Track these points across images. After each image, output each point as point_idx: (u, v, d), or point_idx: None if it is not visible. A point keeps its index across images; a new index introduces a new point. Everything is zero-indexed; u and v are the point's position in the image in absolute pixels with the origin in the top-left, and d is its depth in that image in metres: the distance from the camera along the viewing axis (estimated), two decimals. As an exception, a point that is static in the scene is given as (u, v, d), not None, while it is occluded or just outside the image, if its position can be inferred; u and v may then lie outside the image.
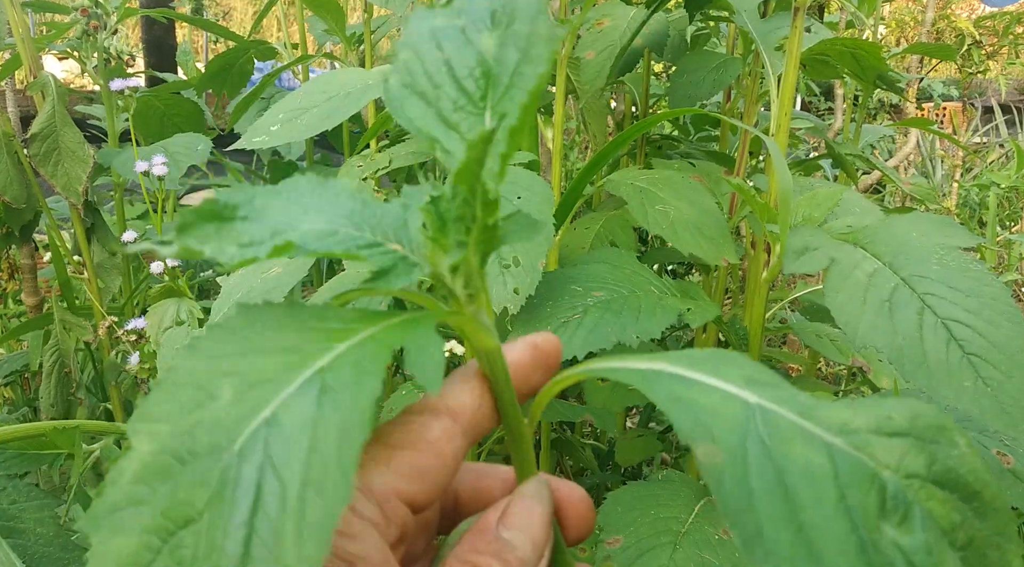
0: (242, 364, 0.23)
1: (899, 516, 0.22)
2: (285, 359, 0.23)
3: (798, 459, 0.22)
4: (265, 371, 0.23)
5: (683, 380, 0.25)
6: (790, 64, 0.66)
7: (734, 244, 0.73)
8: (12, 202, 0.91)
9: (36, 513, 0.59)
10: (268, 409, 0.22)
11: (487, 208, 0.26)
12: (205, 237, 0.24)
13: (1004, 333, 0.50)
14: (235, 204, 0.25)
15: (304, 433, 0.21)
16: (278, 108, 0.72)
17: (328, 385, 0.22)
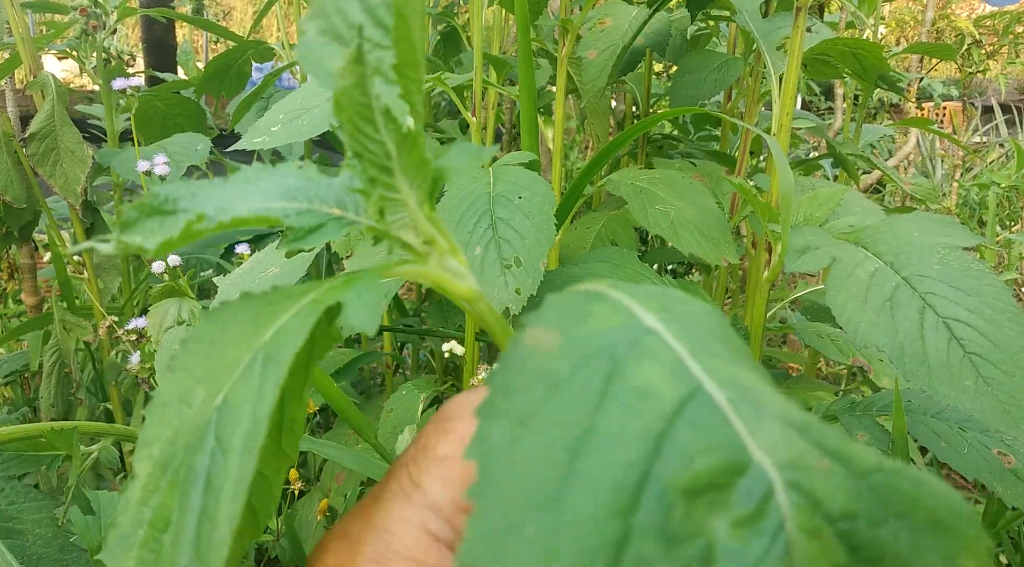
0: (211, 366, 0.23)
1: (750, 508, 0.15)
2: (240, 348, 0.23)
3: (639, 380, 0.18)
4: (227, 365, 0.23)
5: (599, 295, 0.21)
6: (792, 64, 0.66)
7: (735, 244, 0.73)
8: (12, 202, 0.91)
9: (34, 514, 0.59)
10: (221, 396, 0.22)
11: (404, 142, 0.24)
12: (148, 233, 0.24)
13: (1005, 333, 0.50)
14: (176, 197, 0.25)
15: (247, 405, 0.21)
16: (279, 108, 0.72)
17: (270, 355, 0.22)
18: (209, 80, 1.20)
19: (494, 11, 1.15)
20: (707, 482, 0.16)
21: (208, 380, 0.23)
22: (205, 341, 0.24)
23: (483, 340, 0.86)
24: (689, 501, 0.16)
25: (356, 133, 0.24)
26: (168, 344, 0.72)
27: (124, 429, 0.65)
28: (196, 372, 0.23)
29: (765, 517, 0.15)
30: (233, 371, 0.22)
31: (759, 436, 0.16)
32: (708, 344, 0.19)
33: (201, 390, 0.23)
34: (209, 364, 0.23)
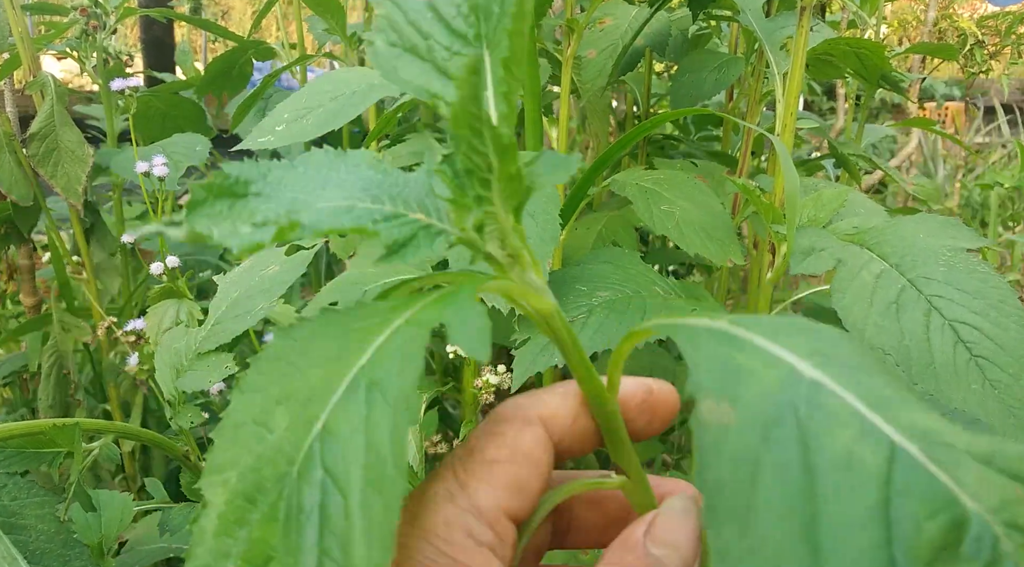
0: (291, 386, 0.22)
1: (986, 558, 0.16)
2: (328, 369, 0.22)
3: (837, 448, 0.18)
4: (313, 386, 0.21)
5: (736, 340, 0.21)
6: (796, 63, 0.65)
7: (739, 245, 0.73)
8: (19, 201, 0.90)
9: (37, 510, 0.59)
10: (319, 422, 0.21)
11: (503, 154, 0.23)
12: (217, 216, 0.22)
13: (1011, 335, 0.50)
14: (248, 179, 0.24)
15: (358, 435, 0.20)
16: (283, 108, 0.72)
17: (375, 380, 0.21)
18: (212, 81, 1.20)
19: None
20: (941, 544, 0.16)
21: (290, 403, 0.21)
22: (281, 359, 0.23)
23: (484, 341, 0.85)
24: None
25: (469, 148, 0.23)
26: (167, 345, 0.71)
27: (125, 426, 0.64)
28: (272, 393, 0.22)
29: (1001, 564, 0.16)
30: (327, 395, 0.21)
31: (964, 485, 0.17)
32: (870, 385, 0.20)
33: (283, 414, 0.21)
34: (288, 384, 0.22)
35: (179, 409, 0.68)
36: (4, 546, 0.54)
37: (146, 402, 1.00)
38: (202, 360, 0.69)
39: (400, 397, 0.20)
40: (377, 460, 0.20)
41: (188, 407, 0.69)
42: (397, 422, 0.20)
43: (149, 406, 1.02)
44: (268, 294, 0.69)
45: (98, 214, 1.01)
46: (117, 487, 0.97)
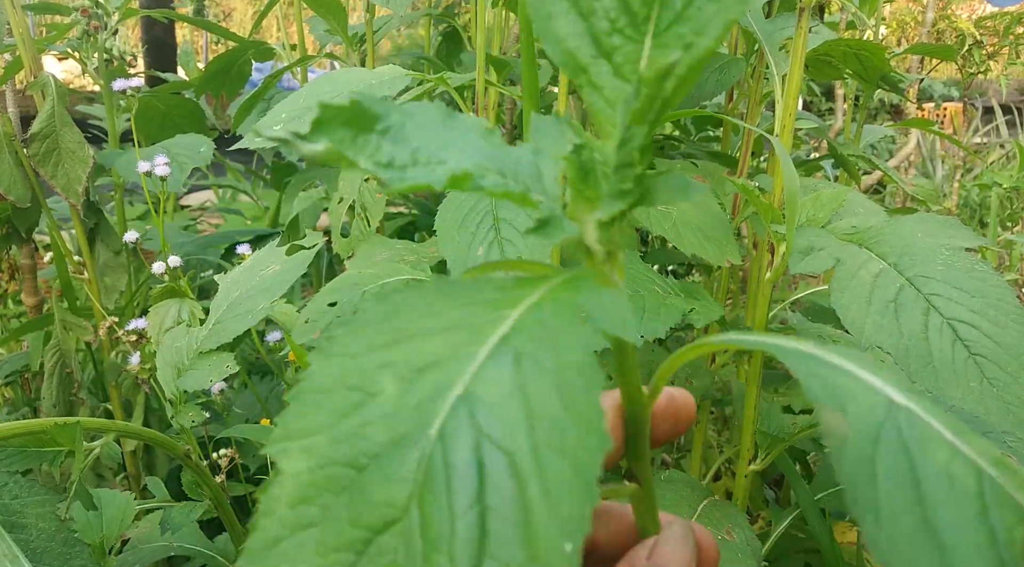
0: (397, 354, 0.21)
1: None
2: (452, 337, 0.21)
3: (938, 464, 0.21)
4: (432, 354, 0.21)
5: (827, 363, 0.23)
6: (795, 64, 0.66)
7: (737, 245, 0.73)
8: (16, 202, 0.91)
9: (38, 508, 0.59)
10: (458, 386, 0.20)
11: (643, 155, 0.23)
12: (342, 142, 0.21)
13: (1010, 334, 0.50)
14: (376, 113, 0.22)
15: (515, 401, 0.19)
16: (281, 108, 0.72)
17: (522, 351, 0.20)
18: (210, 80, 1.20)
19: (494, 12, 1.15)
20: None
21: (400, 369, 0.20)
22: (380, 326, 0.22)
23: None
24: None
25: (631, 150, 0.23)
26: (168, 344, 0.72)
27: (126, 425, 0.65)
28: (371, 359, 0.21)
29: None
30: (460, 363, 0.20)
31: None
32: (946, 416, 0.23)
33: (390, 380, 0.20)
34: (394, 351, 0.21)
35: (180, 408, 0.69)
36: (6, 544, 0.54)
37: (148, 401, 1.01)
38: (203, 359, 0.69)
39: (566, 366, 0.20)
40: (551, 425, 0.19)
41: (189, 406, 0.69)
42: (568, 389, 0.19)
43: (151, 405, 1.02)
44: (269, 293, 0.69)
45: (102, 213, 1.01)
46: (119, 486, 0.97)
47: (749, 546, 0.67)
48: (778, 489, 1.09)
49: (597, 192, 0.24)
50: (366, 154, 0.22)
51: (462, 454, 0.19)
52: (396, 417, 0.20)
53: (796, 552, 0.87)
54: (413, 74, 0.75)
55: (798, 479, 0.78)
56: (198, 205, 2.50)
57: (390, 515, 0.19)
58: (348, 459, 0.19)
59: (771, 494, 1.07)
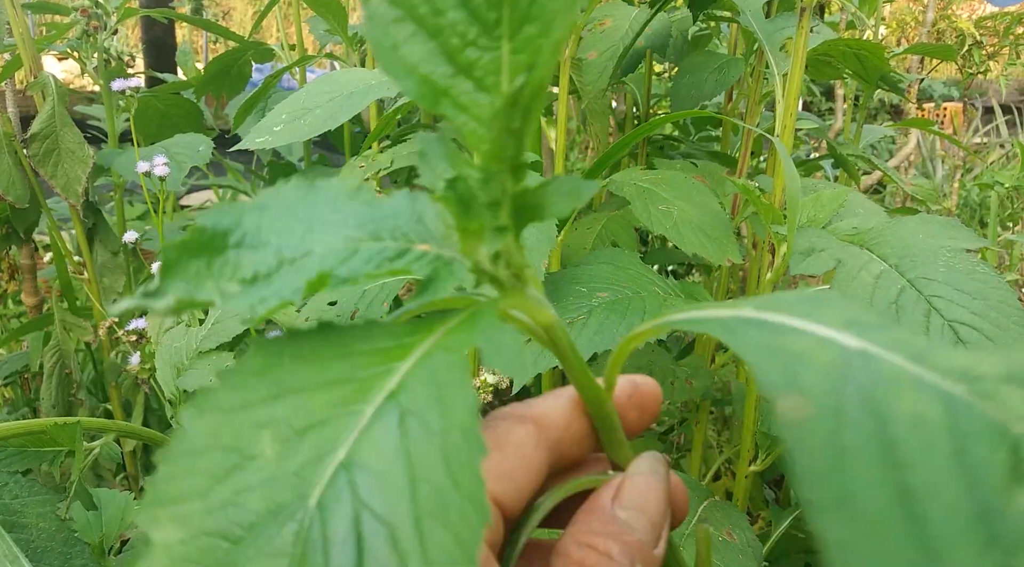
0: (277, 411, 0.20)
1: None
2: (336, 393, 0.20)
3: (905, 410, 0.19)
4: (313, 412, 0.19)
5: (771, 326, 0.22)
6: (795, 64, 0.66)
7: (737, 245, 0.73)
8: (15, 202, 0.91)
9: (38, 508, 0.59)
10: (340, 451, 0.19)
11: (517, 174, 0.22)
12: (197, 277, 0.21)
13: (1011, 336, 0.50)
14: (224, 229, 0.21)
15: (398, 467, 0.18)
16: (281, 108, 0.72)
17: (408, 409, 0.19)
18: (210, 81, 1.20)
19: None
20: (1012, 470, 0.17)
21: (280, 428, 0.19)
22: (260, 378, 0.20)
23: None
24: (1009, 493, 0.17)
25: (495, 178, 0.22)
26: (168, 344, 0.72)
27: (126, 425, 0.65)
28: (249, 417, 0.19)
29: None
30: (343, 423, 0.19)
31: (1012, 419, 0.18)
32: (901, 339, 0.20)
33: (268, 441, 0.19)
34: (274, 408, 0.20)
35: (180, 408, 0.68)
36: (6, 544, 0.54)
37: (147, 401, 1.01)
38: (203, 359, 0.69)
39: (451, 427, 0.19)
40: (433, 494, 0.18)
41: (189, 406, 0.69)
42: (452, 454, 0.19)
43: (151, 405, 1.02)
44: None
45: (100, 214, 1.01)
46: (118, 486, 0.97)
47: (750, 547, 0.67)
48: (778, 489, 1.09)
49: (481, 223, 0.23)
50: (227, 277, 0.21)
51: (341, 526, 0.18)
52: (274, 484, 0.18)
53: (796, 552, 0.87)
54: (413, 74, 0.74)
55: (798, 480, 0.78)
56: (198, 205, 2.50)
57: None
58: (222, 530, 0.18)
59: (771, 494, 1.07)
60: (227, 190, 2.38)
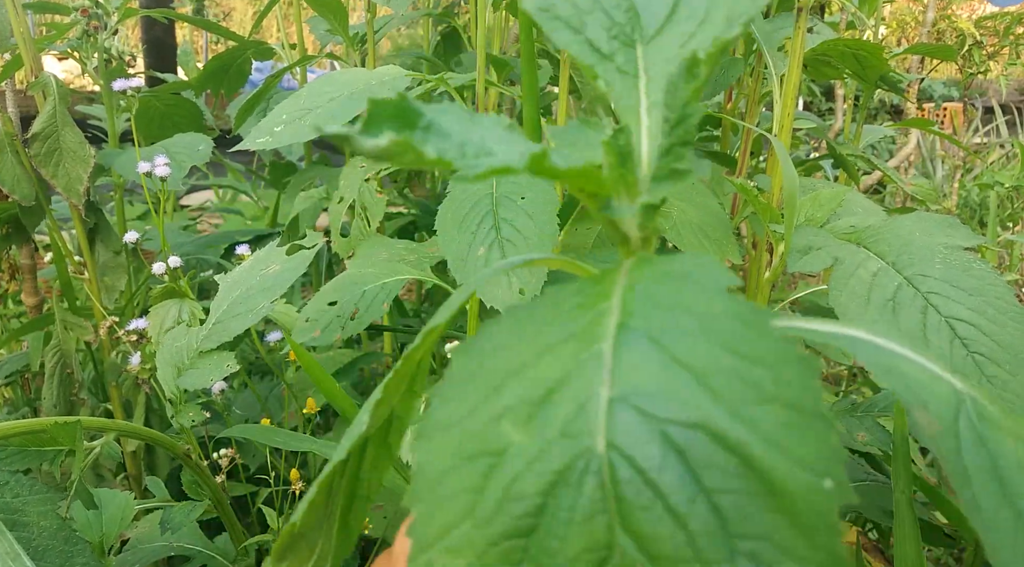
0: (505, 400, 0.19)
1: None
2: (562, 352, 0.19)
3: (1011, 453, 0.22)
4: (545, 379, 0.18)
5: (890, 353, 0.23)
6: (793, 64, 0.66)
7: (737, 245, 0.73)
8: (22, 200, 0.91)
9: (39, 507, 0.59)
10: (603, 390, 0.17)
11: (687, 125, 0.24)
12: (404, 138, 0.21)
13: (1008, 332, 0.50)
14: (418, 110, 0.22)
15: (676, 373, 0.17)
16: (281, 109, 0.72)
17: (648, 327, 0.18)
18: (208, 78, 1.20)
19: (493, 12, 1.15)
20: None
21: (518, 409, 0.18)
22: (465, 384, 0.20)
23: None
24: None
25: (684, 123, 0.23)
26: (168, 344, 0.72)
27: (126, 425, 0.65)
28: (480, 416, 0.19)
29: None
30: (587, 368, 0.18)
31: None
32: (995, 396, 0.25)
33: (510, 426, 0.18)
34: (501, 398, 0.19)
35: (181, 408, 0.69)
36: (8, 542, 0.54)
37: (148, 401, 1.01)
38: (203, 359, 0.69)
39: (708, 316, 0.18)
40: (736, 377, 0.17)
41: (190, 406, 0.69)
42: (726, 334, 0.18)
43: (151, 405, 1.02)
44: (269, 293, 0.69)
45: (101, 213, 1.01)
46: (119, 486, 0.98)
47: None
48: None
49: (635, 177, 0.23)
50: (431, 146, 0.21)
51: (651, 450, 0.16)
52: (542, 458, 0.17)
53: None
54: (413, 74, 0.75)
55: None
56: (198, 205, 2.51)
57: (595, 559, 0.16)
58: (508, 531, 0.17)
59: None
60: (227, 190, 2.38)
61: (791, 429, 0.16)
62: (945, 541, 0.84)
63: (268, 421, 0.80)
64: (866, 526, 1.01)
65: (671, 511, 0.16)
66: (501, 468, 0.17)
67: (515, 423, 0.18)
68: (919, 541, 0.55)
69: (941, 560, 1.07)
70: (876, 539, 1.00)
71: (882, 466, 0.92)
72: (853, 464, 0.87)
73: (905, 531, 0.55)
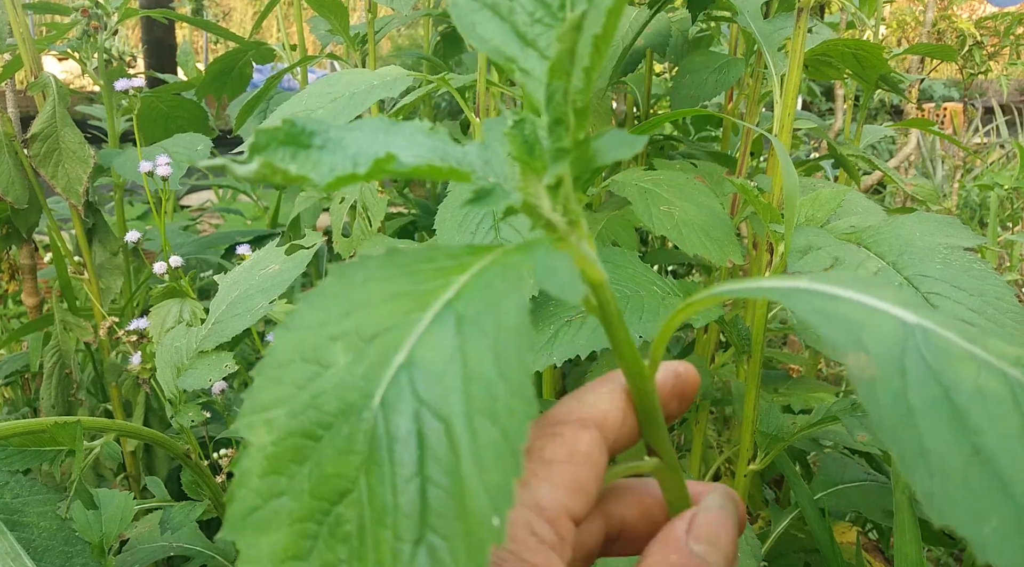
0: (348, 324, 0.21)
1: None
2: (399, 305, 0.21)
3: (968, 381, 0.20)
4: (380, 322, 0.21)
5: (828, 295, 0.23)
6: (793, 64, 0.66)
7: (738, 245, 0.73)
8: (14, 203, 0.91)
9: (39, 507, 0.59)
10: (400, 354, 0.20)
11: (579, 118, 0.24)
12: (281, 162, 0.22)
13: (1008, 332, 0.50)
14: (311, 130, 0.23)
15: (454, 365, 0.20)
16: (282, 111, 0.72)
17: (463, 315, 0.21)
18: (211, 82, 1.20)
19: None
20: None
21: (351, 338, 0.21)
22: (334, 298, 0.22)
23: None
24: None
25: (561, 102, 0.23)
26: (168, 344, 0.72)
27: (126, 425, 0.65)
28: (326, 330, 0.21)
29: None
30: (404, 329, 0.20)
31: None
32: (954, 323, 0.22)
33: (341, 350, 0.21)
34: (346, 322, 0.21)
35: (180, 407, 0.69)
36: (8, 543, 0.54)
37: (148, 401, 1.01)
38: (203, 359, 0.69)
39: (503, 328, 0.20)
40: (484, 389, 0.19)
41: (189, 406, 0.69)
42: (502, 352, 0.20)
43: (151, 405, 1.02)
44: (268, 292, 0.69)
45: (99, 214, 1.01)
46: (119, 486, 0.98)
47: (749, 546, 0.67)
48: (778, 489, 1.09)
49: (542, 161, 0.24)
50: (297, 164, 0.22)
51: (403, 423, 0.19)
52: (345, 387, 0.20)
53: (796, 552, 0.87)
54: (414, 75, 0.75)
55: (798, 479, 0.78)
56: (198, 205, 2.51)
57: (343, 487, 0.19)
58: (305, 430, 0.20)
59: (771, 494, 1.07)
60: (227, 190, 2.38)
61: (495, 456, 0.19)
62: (945, 541, 0.84)
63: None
64: (866, 526, 1.01)
65: (393, 482, 0.19)
66: (321, 379, 0.20)
67: (345, 348, 0.21)
68: (919, 541, 0.55)
69: (941, 560, 1.07)
70: (876, 539, 1.00)
71: (882, 466, 0.92)
72: (853, 464, 0.87)
73: (905, 531, 0.55)
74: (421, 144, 0.25)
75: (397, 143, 0.25)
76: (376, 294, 0.22)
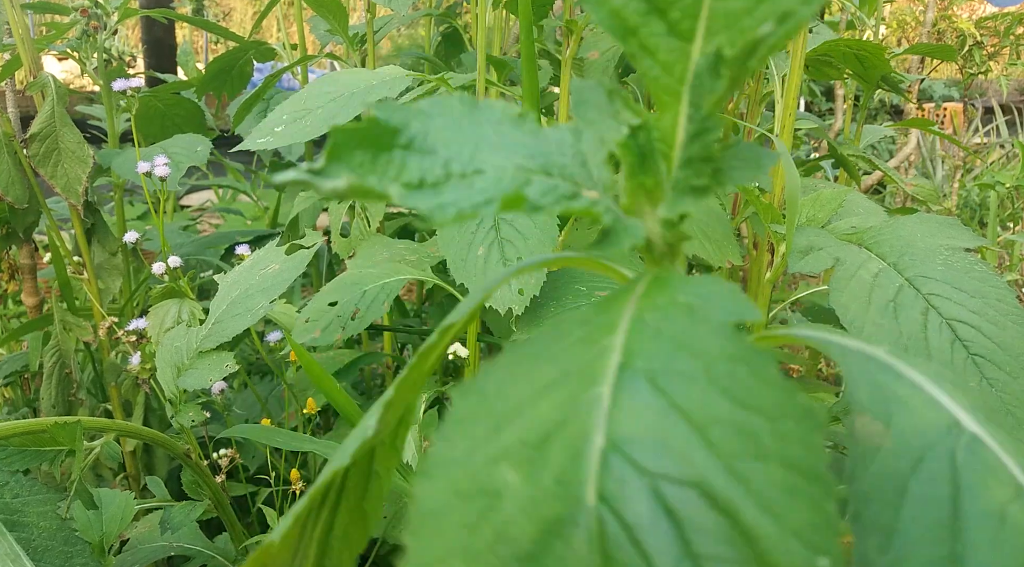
0: (505, 440, 0.18)
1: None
2: (562, 393, 0.18)
3: (992, 501, 0.18)
4: (544, 422, 0.18)
5: (891, 370, 0.21)
6: (794, 65, 0.66)
7: (738, 245, 0.73)
8: (14, 203, 0.91)
9: (39, 507, 0.59)
10: (596, 439, 0.17)
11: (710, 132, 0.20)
12: (361, 168, 0.19)
13: (1009, 334, 0.50)
14: (394, 126, 0.20)
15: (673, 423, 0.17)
16: (282, 109, 0.72)
17: (651, 369, 0.18)
18: (211, 81, 1.20)
19: (495, 12, 1.15)
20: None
21: (517, 452, 0.18)
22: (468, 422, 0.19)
23: (484, 341, 0.86)
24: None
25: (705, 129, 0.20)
26: (168, 344, 0.72)
27: (126, 425, 0.65)
28: (477, 458, 0.18)
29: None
30: (584, 415, 0.17)
31: None
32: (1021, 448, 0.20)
33: (508, 469, 0.17)
34: (500, 439, 0.18)
35: (180, 407, 0.69)
36: (8, 543, 0.54)
37: (148, 401, 1.01)
38: (203, 358, 0.69)
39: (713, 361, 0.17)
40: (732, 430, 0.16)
41: (189, 406, 0.69)
42: (728, 384, 0.17)
43: (151, 405, 1.02)
44: (268, 292, 0.69)
45: (99, 214, 1.01)
46: (119, 486, 0.98)
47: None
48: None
49: (658, 180, 0.21)
50: (391, 177, 0.19)
51: (640, 507, 0.16)
52: (536, 504, 0.16)
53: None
54: (414, 75, 0.75)
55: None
56: (198, 205, 2.50)
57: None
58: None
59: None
60: (227, 190, 2.38)
61: (786, 492, 0.16)
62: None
63: (268, 421, 0.80)
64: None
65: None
66: (496, 510, 0.17)
67: (513, 465, 0.17)
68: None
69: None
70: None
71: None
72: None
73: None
74: (512, 141, 0.21)
75: (487, 139, 0.21)
76: (521, 399, 0.19)
